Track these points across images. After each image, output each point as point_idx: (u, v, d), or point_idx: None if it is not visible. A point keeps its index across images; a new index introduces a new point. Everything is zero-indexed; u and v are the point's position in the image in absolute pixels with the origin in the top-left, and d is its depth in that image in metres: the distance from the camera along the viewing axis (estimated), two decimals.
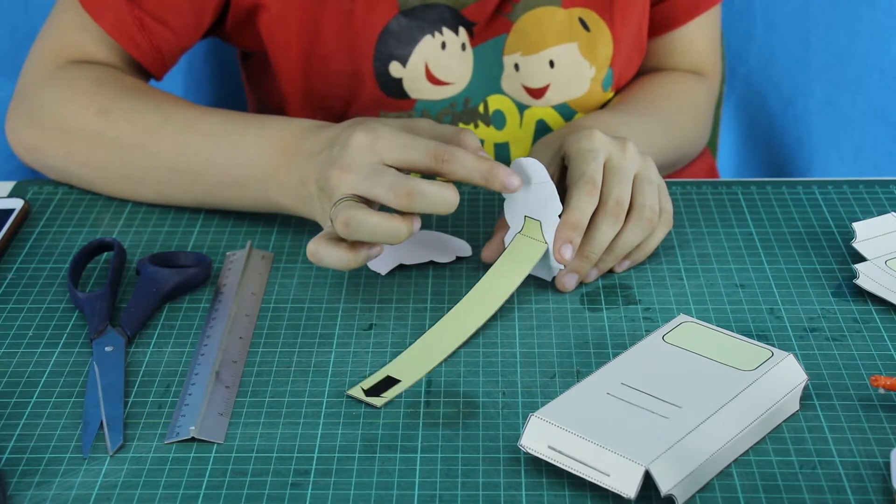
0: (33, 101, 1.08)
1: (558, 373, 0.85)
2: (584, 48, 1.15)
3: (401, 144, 0.88)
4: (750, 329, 0.89)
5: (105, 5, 1.07)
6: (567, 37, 1.14)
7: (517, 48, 1.14)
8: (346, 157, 0.88)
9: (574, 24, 1.14)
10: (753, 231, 1.02)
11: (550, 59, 1.15)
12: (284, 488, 0.75)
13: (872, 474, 0.75)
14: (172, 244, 1.01)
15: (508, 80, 1.16)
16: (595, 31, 1.15)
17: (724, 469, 0.76)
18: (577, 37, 1.15)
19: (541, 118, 1.17)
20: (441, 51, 1.13)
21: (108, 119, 1.03)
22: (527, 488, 0.74)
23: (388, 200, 0.86)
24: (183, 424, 0.80)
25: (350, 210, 0.85)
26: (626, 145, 0.93)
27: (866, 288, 0.92)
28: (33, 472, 0.76)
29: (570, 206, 0.90)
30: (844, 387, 0.83)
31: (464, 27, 1.13)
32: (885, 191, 1.07)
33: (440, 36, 1.13)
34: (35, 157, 1.09)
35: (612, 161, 0.92)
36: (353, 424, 0.80)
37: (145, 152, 1.02)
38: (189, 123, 1.02)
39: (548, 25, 1.14)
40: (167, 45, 1.10)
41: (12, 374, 0.85)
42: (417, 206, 0.85)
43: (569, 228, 0.90)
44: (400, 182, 0.86)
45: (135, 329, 0.89)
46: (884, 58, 1.40)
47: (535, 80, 1.16)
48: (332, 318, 0.91)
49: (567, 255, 0.90)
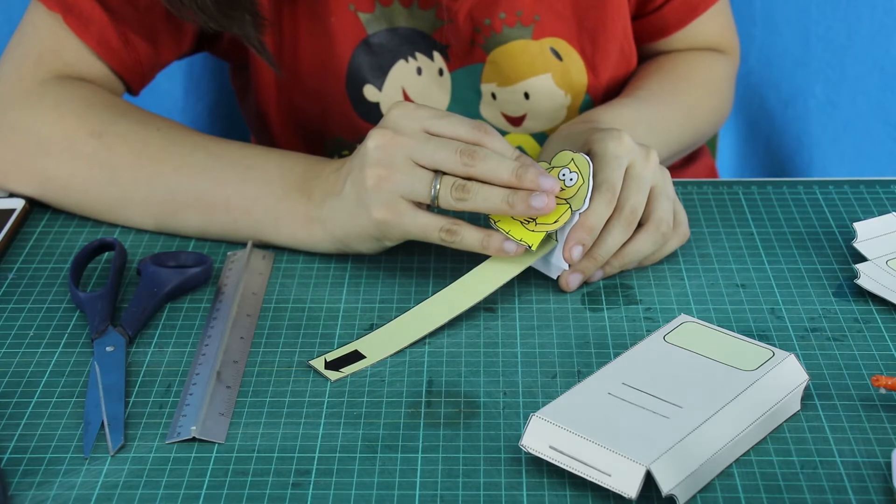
0: (8, 120, 1.03)
1: (559, 373, 0.85)
2: (558, 78, 1.15)
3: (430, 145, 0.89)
4: (751, 329, 0.89)
5: (89, 20, 1.04)
6: (540, 68, 1.14)
7: (493, 79, 1.15)
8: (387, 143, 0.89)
9: (546, 54, 1.14)
10: (754, 231, 1.02)
11: (525, 91, 1.15)
12: (285, 488, 0.75)
13: (873, 474, 0.75)
14: (173, 244, 1.01)
15: (487, 106, 1.16)
16: (567, 60, 1.14)
17: (726, 469, 0.76)
18: (550, 67, 1.14)
19: (519, 144, 1.17)
20: (417, 76, 1.13)
21: (102, 142, 1.00)
22: (528, 488, 0.74)
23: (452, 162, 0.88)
24: (184, 424, 0.80)
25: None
26: (650, 155, 0.93)
27: (867, 288, 0.92)
28: (34, 472, 0.76)
29: (588, 209, 0.90)
30: (845, 387, 0.83)
31: (438, 52, 1.13)
32: (886, 191, 1.07)
33: (414, 61, 1.13)
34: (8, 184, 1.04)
35: (634, 169, 0.92)
36: (355, 424, 0.80)
37: (142, 174, 0.99)
38: (197, 146, 1.00)
39: (521, 58, 1.13)
40: (149, 61, 1.08)
41: (13, 374, 0.85)
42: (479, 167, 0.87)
43: (584, 231, 0.90)
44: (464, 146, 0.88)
45: (136, 329, 0.89)
46: (884, 57, 1.40)
47: (512, 110, 1.16)
48: (333, 318, 0.91)
49: (576, 256, 0.90)
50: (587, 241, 0.90)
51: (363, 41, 1.12)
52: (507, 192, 0.87)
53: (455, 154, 0.87)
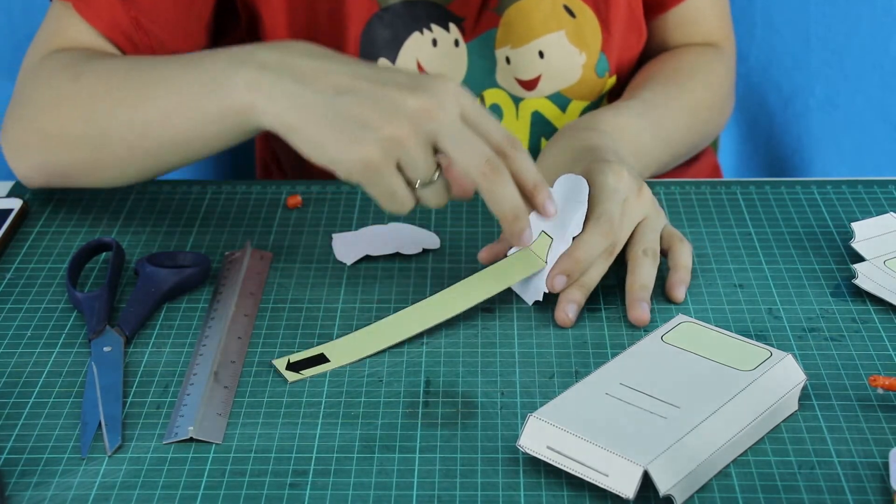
0: (19, 98, 1.05)
1: (557, 373, 0.85)
2: (572, 35, 1.15)
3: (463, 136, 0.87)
4: (748, 329, 0.89)
5: (99, 7, 1.05)
6: (554, 25, 1.14)
7: (507, 41, 1.14)
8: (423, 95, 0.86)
9: (559, 11, 1.14)
10: (752, 231, 1.02)
11: (540, 50, 1.15)
12: (283, 488, 0.75)
13: (871, 474, 0.75)
14: (171, 244, 1.01)
15: (502, 73, 1.16)
16: (581, 18, 1.15)
17: (723, 469, 0.76)
18: (564, 24, 1.15)
19: (536, 109, 1.17)
20: (433, 48, 1.13)
21: (80, 83, 0.99)
22: (525, 488, 0.74)
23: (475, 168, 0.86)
24: (181, 424, 0.80)
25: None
26: (642, 191, 0.93)
27: (865, 288, 0.92)
28: (31, 473, 0.76)
29: (583, 240, 0.90)
30: (843, 387, 0.83)
31: (454, 23, 1.13)
32: (885, 191, 1.07)
33: (429, 33, 1.13)
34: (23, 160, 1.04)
35: (628, 204, 0.92)
36: (352, 425, 0.80)
37: (111, 104, 0.96)
38: (156, 65, 0.96)
39: (534, 15, 1.14)
40: (161, 49, 1.09)
41: (10, 374, 0.85)
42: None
43: (573, 262, 0.89)
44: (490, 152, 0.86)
45: (133, 329, 0.89)
46: (884, 57, 1.40)
47: (526, 72, 1.16)
48: (330, 318, 0.91)
49: (558, 286, 0.89)
50: (574, 273, 0.89)
51: (376, 14, 1.12)
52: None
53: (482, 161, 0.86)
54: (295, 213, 1.05)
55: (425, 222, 1.03)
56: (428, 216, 1.04)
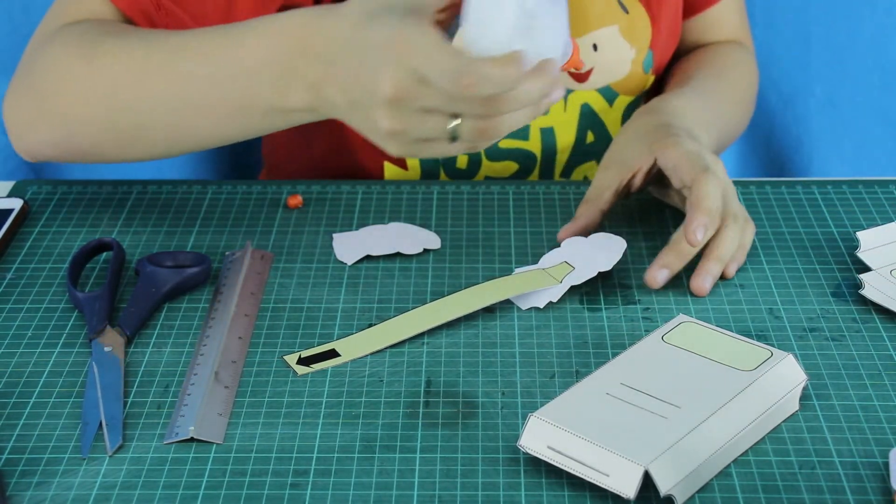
0: (27, 70, 1.00)
1: (557, 373, 0.85)
2: (625, 30, 1.16)
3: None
4: (749, 329, 0.89)
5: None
6: (608, 19, 1.15)
7: None
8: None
9: (614, 6, 1.15)
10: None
11: (594, 43, 1.15)
12: (283, 488, 0.75)
13: (871, 474, 0.75)
14: (172, 244, 1.01)
15: None
16: (633, 13, 1.16)
17: (724, 469, 0.76)
18: (618, 19, 1.16)
19: (585, 101, 1.18)
20: None
21: (92, 65, 0.95)
22: (526, 488, 0.74)
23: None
24: (182, 424, 0.80)
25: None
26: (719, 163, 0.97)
27: (872, 298, 0.91)
28: (32, 473, 0.76)
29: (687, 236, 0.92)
30: (844, 387, 0.83)
31: None
32: (885, 191, 1.07)
33: None
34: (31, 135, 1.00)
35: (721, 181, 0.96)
36: (353, 425, 0.80)
37: (134, 90, 0.93)
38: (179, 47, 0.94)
39: (590, 9, 1.15)
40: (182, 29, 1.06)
41: (11, 374, 0.85)
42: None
43: (674, 255, 0.93)
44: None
45: (134, 329, 0.89)
46: (884, 57, 1.40)
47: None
48: (331, 318, 0.91)
49: (661, 280, 0.93)
50: (675, 267, 0.93)
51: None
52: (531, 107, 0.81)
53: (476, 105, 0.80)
54: (295, 212, 1.05)
55: (426, 222, 1.03)
56: (428, 216, 1.04)
